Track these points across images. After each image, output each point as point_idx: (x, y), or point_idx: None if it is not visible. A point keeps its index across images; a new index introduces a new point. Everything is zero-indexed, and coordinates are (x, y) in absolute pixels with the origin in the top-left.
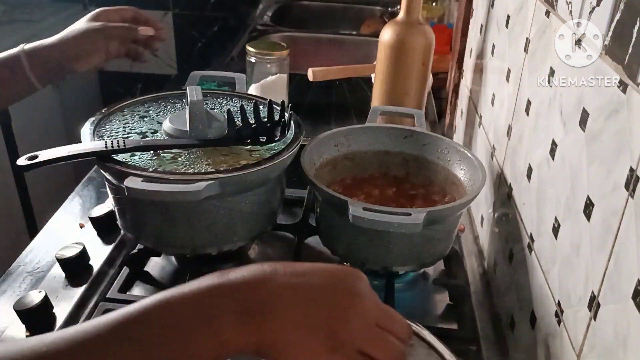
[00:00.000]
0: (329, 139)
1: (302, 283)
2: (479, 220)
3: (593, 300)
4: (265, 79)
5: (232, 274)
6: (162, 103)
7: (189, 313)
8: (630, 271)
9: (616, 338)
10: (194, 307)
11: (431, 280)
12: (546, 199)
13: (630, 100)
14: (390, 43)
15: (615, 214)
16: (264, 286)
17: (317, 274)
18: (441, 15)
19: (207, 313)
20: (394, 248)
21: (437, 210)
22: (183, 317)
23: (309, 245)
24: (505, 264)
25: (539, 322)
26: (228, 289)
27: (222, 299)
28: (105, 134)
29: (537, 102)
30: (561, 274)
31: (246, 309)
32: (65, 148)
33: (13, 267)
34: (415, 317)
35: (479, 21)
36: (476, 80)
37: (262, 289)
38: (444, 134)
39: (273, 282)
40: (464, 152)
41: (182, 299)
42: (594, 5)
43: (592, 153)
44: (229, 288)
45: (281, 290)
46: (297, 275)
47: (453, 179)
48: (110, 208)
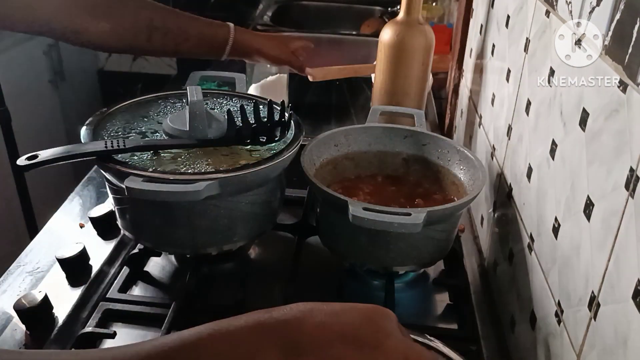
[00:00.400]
0: (329, 139)
1: (335, 322)
2: (479, 220)
3: (593, 300)
4: (265, 79)
5: (275, 312)
6: (162, 103)
7: (236, 346)
8: (630, 271)
9: (616, 338)
10: (240, 340)
11: (431, 280)
12: (546, 199)
13: (630, 100)
14: (390, 43)
15: (616, 214)
16: (300, 325)
17: (349, 313)
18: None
19: (251, 348)
20: (394, 248)
21: (437, 210)
22: (231, 350)
23: (309, 245)
24: (506, 264)
25: (539, 322)
26: (269, 327)
27: (265, 335)
28: (105, 134)
29: (537, 102)
30: (561, 274)
31: (284, 345)
32: (65, 148)
33: (13, 267)
34: (416, 317)
35: (479, 21)
36: (476, 80)
37: (298, 327)
38: (444, 134)
39: (309, 321)
40: (464, 152)
41: (229, 333)
42: (594, 5)
43: (592, 153)
44: (270, 326)
45: (316, 330)
46: (331, 314)
47: (453, 179)
48: (110, 208)
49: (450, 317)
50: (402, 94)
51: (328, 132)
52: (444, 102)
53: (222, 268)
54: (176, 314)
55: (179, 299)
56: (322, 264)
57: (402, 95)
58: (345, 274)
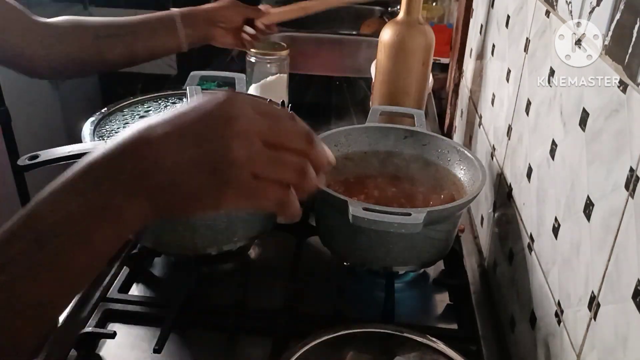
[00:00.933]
0: (329, 139)
1: (172, 130)
2: (479, 220)
3: (593, 300)
4: (265, 79)
5: (102, 149)
6: (162, 103)
7: (74, 207)
8: (630, 271)
9: (616, 338)
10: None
11: (431, 280)
12: (546, 199)
13: (630, 100)
14: (390, 43)
15: (615, 214)
16: (141, 149)
17: (188, 113)
18: (441, 15)
19: (92, 201)
20: (394, 248)
21: (437, 210)
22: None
23: (309, 245)
24: (505, 264)
25: (539, 322)
26: (103, 171)
27: (101, 178)
28: (105, 134)
29: (537, 102)
30: (561, 274)
31: (126, 176)
32: (66, 148)
33: None
34: (416, 318)
35: (479, 21)
36: (476, 80)
37: (134, 151)
38: (444, 134)
39: (143, 139)
40: (464, 152)
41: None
42: (594, 5)
43: (592, 153)
44: (103, 170)
45: (156, 144)
46: (167, 123)
47: (453, 179)
48: None
49: (450, 317)
50: (402, 94)
51: (328, 132)
52: (444, 102)
53: (222, 268)
54: (176, 314)
55: (179, 299)
56: (322, 264)
57: (402, 95)
58: (345, 274)
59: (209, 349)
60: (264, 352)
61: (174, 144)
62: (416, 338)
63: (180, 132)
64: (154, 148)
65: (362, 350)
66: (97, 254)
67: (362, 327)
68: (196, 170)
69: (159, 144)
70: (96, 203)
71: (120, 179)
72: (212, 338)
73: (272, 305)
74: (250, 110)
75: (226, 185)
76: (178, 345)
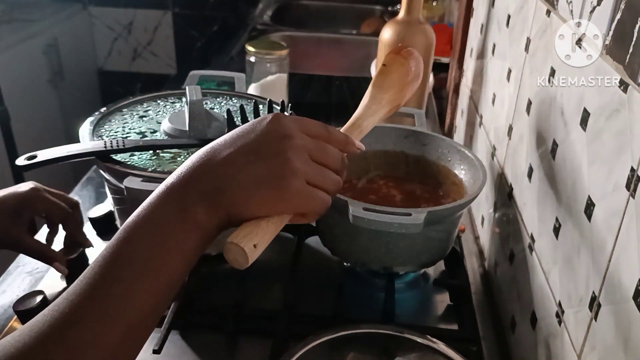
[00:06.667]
0: None
1: (237, 151)
2: (479, 220)
3: (594, 301)
4: (265, 78)
5: (177, 176)
6: (162, 103)
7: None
8: (631, 271)
9: (617, 338)
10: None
11: (432, 280)
12: (547, 199)
13: (631, 100)
14: (390, 42)
15: (616, 214)
16: (208, 169)
17: (246, 135)
18: (441, 15)
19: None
20: (394, 248)
21: (437, 210)
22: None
23: (309, 245)
24: (506, 264)
25: (539, 322)
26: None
27: (184, 198)
28: (104, 134)
29: (537, 101)
30: (562, 274)
31: (205, 194)
32: (65, 148)
33: (13, 267)
34: (416, 318)
35: (479, 21)
36: (477, 80)
37: (208, 172)
38: (444, 134)
39: (214, 162)
40: (465, 152)
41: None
42: (595, 4)
43: (593, 153)
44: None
45: (224, 166)
46: (230, 145)
47: (453, 178)
48: (110, 208)
49: (450, 317)
50: None
51: None
52: (444, 102)
53: (222, 268)
54: (176, 314)
55: (179, 299)
56: (322, 264)
57: None
58: (345, 274)
59: (209, 349)
60: (263, 353)
61: (242, 162)
62: (416, 338)
63: (244, 151)
64: (225, 167)
65: (362, 351)
66: (187, 261)
67: (362, 328)
68: (264, 182)
69: (228, 164)
70: (184, 218)
71: (202, 197)
72: (212, 338)
73: (272, 305)
74: (297, 129)
75: (287, 191)
76: (178, 346)
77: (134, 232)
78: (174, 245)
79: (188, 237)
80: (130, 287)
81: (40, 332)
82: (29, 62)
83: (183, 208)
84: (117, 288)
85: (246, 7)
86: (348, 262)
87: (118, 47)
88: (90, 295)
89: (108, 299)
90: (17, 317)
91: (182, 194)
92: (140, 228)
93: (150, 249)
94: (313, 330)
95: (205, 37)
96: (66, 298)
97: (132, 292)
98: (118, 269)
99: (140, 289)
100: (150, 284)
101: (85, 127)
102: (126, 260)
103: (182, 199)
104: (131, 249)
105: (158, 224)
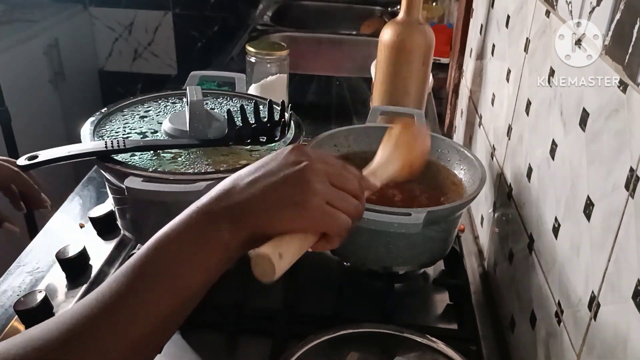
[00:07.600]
0: (329, 139)
1: (259, 176)
2: (479, 220)
3: (593, 301)
4: (265, 79)
5: (205, 199)
6: (162, 103)
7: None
8: (631, 271)
9: (616, 338)
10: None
11: (431, 280)
12: (546, 199)
13: (631, 100)
14: (390, 43)
15: (616, 214)
16: (234, 192)
17: (269, 163)
18: (441, 15)
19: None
20: (393, 248)
21: (437, 210)
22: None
23: None
24: (506, 264)
25: (539, 322)
26: (208, 210)
27: (210, 218)
28: (105, 134)
29: (537, 102)
30: (561, 274)
31: (230, 215)
32: (65, 148)
33: (13, 267)
34: (416, 318)
35: (479, 21)
36: (476, 80)
37: (233, 195)
38: (444, 134)
39: (238, 187)
40: (464, 152)
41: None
42: (594, 5)
43: (592, 153)
44: (208, 209)
45: (248, 189)
46: (254, 172)
47: (453, 179)
48: (110, 208)
49: (450, 317)
50: (402, 94)
51: (328, 132)
52: (444, 102)
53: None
54: None
55: None
56: (322, 264)
57: (402, 95)
58: (345, 274)
59: (209, 349)
60: (263, 352)
61: (265, 185)
62: (416, 338)
63: (267, 176)
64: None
65: (362, 351)
66: (209, 278)
67: (362, 327)
68: (285, 202)
69: (252, 187)
70: (210, 237)
71: (227, 218)
72: (212, 338)
73: (272, 305)
74: (314, 158)
75: (308, 208)
76: (178, 345)
77: (162, 247)
78: (198, 262)
79: (212, 256)
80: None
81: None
82: (30, 63)
83: (209, 228)
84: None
85: (246, 8)
86: (348, 262)
87: (119, 47)
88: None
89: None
90: (17, 317)
91: (208, 215)
92: (168, 244)
93: (176, 265)
94: (313, 330)
95: (206, 37)
96: (95, 298)
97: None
98: (141, 280)
99: (162, 303)
100: (171, 299)
101: (86, 127)
102: (150, 274)
103: (208, 220)
104: (157, 263)
105: (185, 240)
